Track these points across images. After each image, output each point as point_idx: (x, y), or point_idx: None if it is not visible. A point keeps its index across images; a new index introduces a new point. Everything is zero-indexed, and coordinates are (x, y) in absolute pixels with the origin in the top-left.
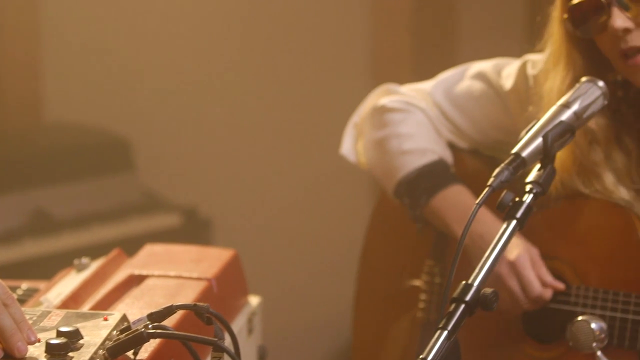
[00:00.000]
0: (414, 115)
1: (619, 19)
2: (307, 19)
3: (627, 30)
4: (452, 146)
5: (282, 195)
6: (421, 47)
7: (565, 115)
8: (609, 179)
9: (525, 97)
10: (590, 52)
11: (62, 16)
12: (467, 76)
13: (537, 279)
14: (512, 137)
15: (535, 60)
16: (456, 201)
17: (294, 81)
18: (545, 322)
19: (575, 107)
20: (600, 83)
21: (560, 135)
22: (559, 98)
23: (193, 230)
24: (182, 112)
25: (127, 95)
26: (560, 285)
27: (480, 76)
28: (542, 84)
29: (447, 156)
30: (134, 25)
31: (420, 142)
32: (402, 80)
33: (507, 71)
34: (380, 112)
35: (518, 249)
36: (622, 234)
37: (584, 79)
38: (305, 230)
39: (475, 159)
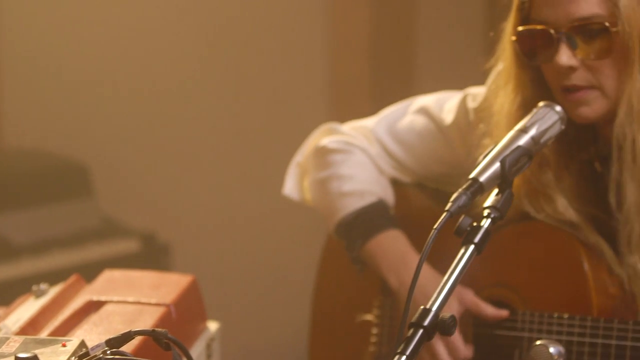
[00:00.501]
0: (354, 156)
1: (565, 56)
2: (265, 47)
3: (571, 69)
4: (396, 181)
5: (240, 221)
6: (379, 74)
7: (523, 140)
8: (560, 201)
9: (466, 130)
10: (538, 75)
11: (20, 42)
12: (410, 111)
13: (462, 341)
14: (456, 170)
15: (476, 94)
16: (389, 247)
17: (253, 108)
18: (494, 348)
19: (532, 132)
20: (558, 108)
21: (517, 160)
22: (508, 118)
23: (152, 255)
24: (140, 138)
25: (85, 121)
26: (503, 313)
27: (423, 111)
28: (492, 102)
29: (388, 196)
30: (91, 51)
31: (360, 184)
32: (360, 108)
33: (448, 105)
34: (322, 153)
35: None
36: (566, 258)
37: (541, 103)
38: (264, 256)
39: (421, 192)
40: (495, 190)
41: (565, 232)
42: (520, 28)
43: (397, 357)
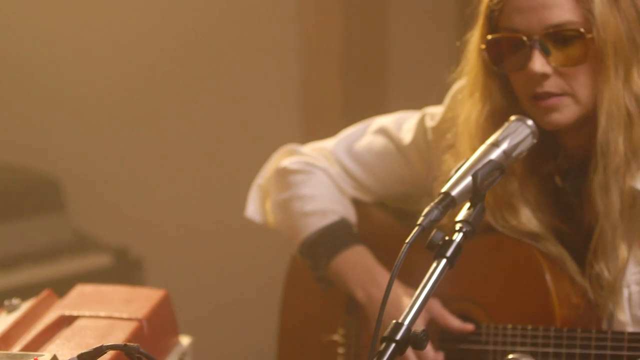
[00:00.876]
0: (315, 176)
1: (539, 63)
2: (236, 63)
3: (545, 76)
4: (357, 200)
5: (213, 236)
6: (352, 90)
7: (495, 154)
8: (523, 210)
9: (425, 149)
10: (506, 84)
11: None
12: (369, 132)
13: (432, 349)
14: (416, 189)
15: (434, 113)
16: (355, 262)
17: (225, 125)
18: None
19: (504, 145)
20: (530, 122)
21: (489, 173)
22: (475, 129)
23: (124, 270)
24: (112, 153)
25: (56, 135)
26: (469, 327)
27: (382, 131)
28: (457, 113)
29: (350, 215)
30: (62, 64)
31: (322, 204)
32: (333, 124)
33: (407, 125)
34: (282, 174)
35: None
36: (528, 270)
37: (513, 117)
38: (236, 271)
39: (383, 211)
40: (467, 204)
41: (527, 245)
42: (489, 36)
43: None
